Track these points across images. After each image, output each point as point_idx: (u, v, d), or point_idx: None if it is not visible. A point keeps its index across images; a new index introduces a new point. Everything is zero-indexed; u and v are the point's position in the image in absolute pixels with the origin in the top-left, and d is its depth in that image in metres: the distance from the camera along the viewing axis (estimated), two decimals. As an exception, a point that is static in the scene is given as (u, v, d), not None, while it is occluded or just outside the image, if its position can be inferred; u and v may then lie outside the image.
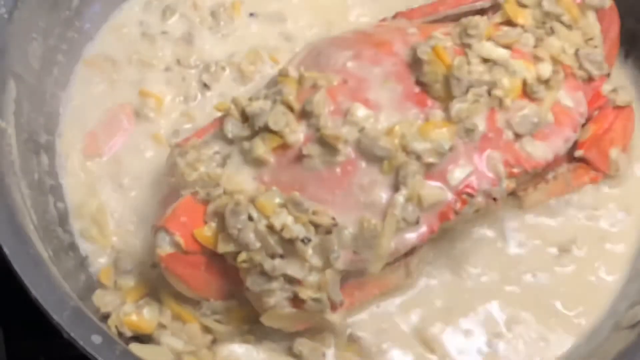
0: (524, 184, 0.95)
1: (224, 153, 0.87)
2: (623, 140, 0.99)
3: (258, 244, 0.80)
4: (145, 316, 0.87)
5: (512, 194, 0.93)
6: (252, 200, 0.81)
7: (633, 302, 0.93)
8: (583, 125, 0.94)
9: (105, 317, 0.86)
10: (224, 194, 0.83)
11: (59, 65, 1.03)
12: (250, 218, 0.80)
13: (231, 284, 0.85)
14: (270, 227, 0.80)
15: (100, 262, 0.95)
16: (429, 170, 0.82)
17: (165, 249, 0.83)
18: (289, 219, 0.80)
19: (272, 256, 0.80)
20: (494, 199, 0.85)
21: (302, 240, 0.79)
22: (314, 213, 0.80)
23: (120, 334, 0.86)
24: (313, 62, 0.90)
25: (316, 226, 0.80)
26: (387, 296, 0.92)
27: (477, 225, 0.96)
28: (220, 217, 0.82)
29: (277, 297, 0.81)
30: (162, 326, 0.88)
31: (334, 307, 0.82)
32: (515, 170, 0.86)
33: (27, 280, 0.79)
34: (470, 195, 0.83)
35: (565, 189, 0.98)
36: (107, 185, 0.99)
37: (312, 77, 0.86)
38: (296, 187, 0.83)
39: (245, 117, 0.87)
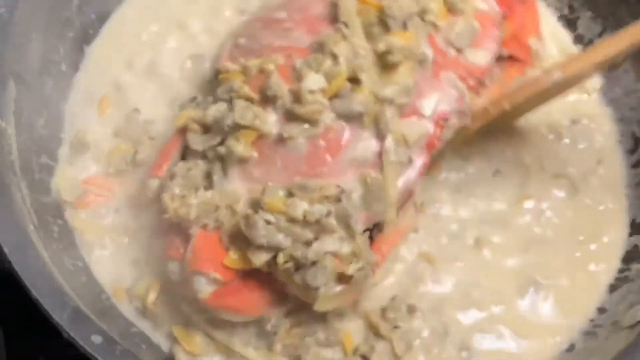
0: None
1: (202, 169, 0.87)
2: (536, 30, 1.04)
3: (289, 241, 0.80)
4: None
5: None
6: (257, 204, 0.82)
7: (633, 302, 0.93)
8: None
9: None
10: (225, 209, 0.83)
11: (59, 65, 1.03)
12: (268, 222, 0.80)
13: (274, 289, 0.85)
14: (292, 220, 0.80)
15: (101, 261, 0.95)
16: (403, 111, 0.86)
17: (206, 290, 0.83)
18: (304, 205, 0.81)
19: (308, 243, 0.80)
20: (466, 119, 0.90)
21: (326, 216, 0.80)
22: (321, 188, 0.81)
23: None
24: (245, 50, 0.91)
25: (327, 199, 0.81)
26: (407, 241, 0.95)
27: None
28: (238, 236, 0.82)
29: (323, 281, 0.81)
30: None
31: (373, 269, 0.84)
32: (471, 82, 0.91)
33: (27, 280, 0.79)
34: (446, 119, 0.88)
35: (502, 89, 0.99)
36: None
37: (256, 64, 0.87)
38: (289, 171, 0.83)
39: (206, 127, 0.87)
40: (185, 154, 0.90)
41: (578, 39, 1.12)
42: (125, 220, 0.96)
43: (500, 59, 0.99)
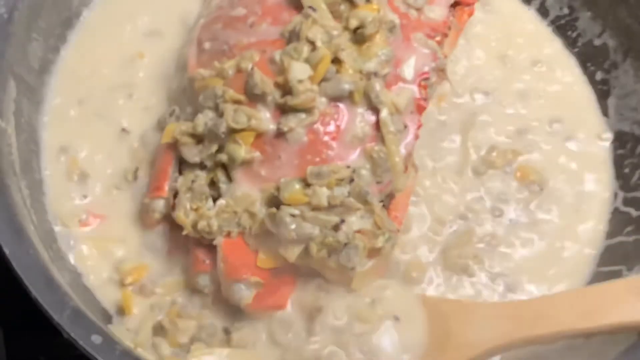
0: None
1: (205, 179, 0.87)
2: None
3: (317, 229, 0.81)
4: None
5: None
6: (275, 201, 0.82)
7: (633, 302, 0.92)
8: None
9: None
10: (243, 213, 0.84)
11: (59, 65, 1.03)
12: (293, 215, 0.81)
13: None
14: (316, 208, 0.81)
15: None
16: (387, 81, 0.88)
17: (248, 296, 0.83)
18: (324, 191, 0.82)
19: (336, 228, 0.81)
20: (444, 74, 0.92)
21: (347, 197, 0.82)
22: (334, 172, 0.82)
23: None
24: (213, 53, 0.91)
25: (341, 181, 0.83)
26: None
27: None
28: (264, 237, 0.83)
29: (358, 260, 0.82)
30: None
31: (396, 236, 0.86)
32: (438, 38, 0.93)
33: (27, 280, 0.79)
34: (426, 79, 0.90)
35: (457, 33, 1.01)
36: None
37: (232, 65, 0.87)
38: (296, 163, 0.84)
39: (198, 138, 0.87)
40: (180, 167, 0.89)
41: (578, 39, 1.12)
42: (130, 239, 0.94)
43: (450, 7, 1.01)
